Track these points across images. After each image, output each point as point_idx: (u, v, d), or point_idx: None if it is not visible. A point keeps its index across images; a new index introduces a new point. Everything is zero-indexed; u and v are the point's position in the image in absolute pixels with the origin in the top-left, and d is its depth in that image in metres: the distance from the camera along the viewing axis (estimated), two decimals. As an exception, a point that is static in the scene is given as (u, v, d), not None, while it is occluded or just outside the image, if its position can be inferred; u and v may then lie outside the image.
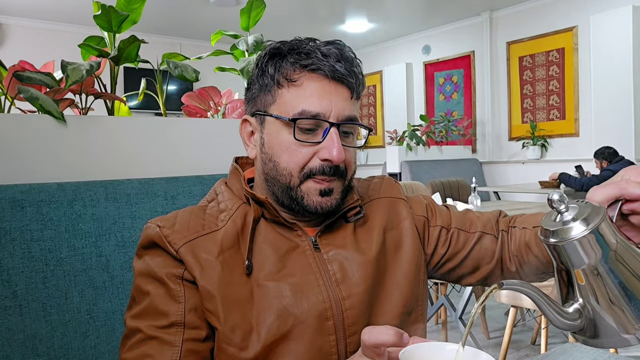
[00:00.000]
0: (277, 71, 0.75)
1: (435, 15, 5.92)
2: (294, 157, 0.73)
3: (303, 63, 0.73)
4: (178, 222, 0.74)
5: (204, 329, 0.70)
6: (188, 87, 5.30)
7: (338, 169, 0.74)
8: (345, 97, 0.74)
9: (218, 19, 5.22)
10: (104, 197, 0.98)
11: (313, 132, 0.73)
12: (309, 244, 0.76)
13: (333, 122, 0.72)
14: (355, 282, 0.75)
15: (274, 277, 0.72)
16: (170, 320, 0.69)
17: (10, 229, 0.86)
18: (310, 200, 0.74)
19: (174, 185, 1.08)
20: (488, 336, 2.94)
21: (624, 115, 4.49)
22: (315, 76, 0.73)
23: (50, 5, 5.05)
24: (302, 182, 0.74)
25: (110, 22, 1.30)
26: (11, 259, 0.85)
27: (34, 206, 0.89)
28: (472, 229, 0.87)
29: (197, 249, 0.72)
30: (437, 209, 0.89)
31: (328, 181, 0.74)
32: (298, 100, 0.73)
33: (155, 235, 0.73)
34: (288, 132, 0.73)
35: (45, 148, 1.10)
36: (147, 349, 0.68)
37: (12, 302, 0.84)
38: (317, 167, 0.73)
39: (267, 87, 0.76)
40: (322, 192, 0.74)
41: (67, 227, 0.92)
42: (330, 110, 0.72)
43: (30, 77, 1.12)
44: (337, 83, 0.73)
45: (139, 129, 1.26)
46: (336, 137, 0.72)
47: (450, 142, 5.77)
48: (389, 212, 0.85)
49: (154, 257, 0.72)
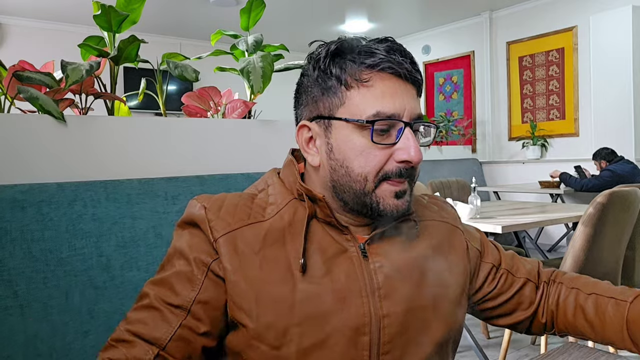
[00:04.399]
0: (343, 72, 0.71)
1: (435, 15, 5.92)
2: (370, 161, 0.70)
3: (369, 63, 0.70)
4: (225, 206, 0.73)
5: (205, 325, 0.69)
6: (188, 87, 5.30)
7: (413, 169, 0.72)
8: (414, 95, 0.72)
9: (218, 19, 5.22)
10: (104, 197, 0.98)
11: (387, 133, 0.71)
12: (357, 250, 0.73)
13: (407, 122, 0.70)
14: (398, 300, 0.72)
15: (317, 281, 0.70)
16: (178, 302, 0.68)
17: (11, 229, 0.86)
18: (386, 205, 0.71)
19: (174, 185, 1.08)
20: (488, 336, 2.94)
21: (623, 115, 4.49)
22: (385, 75, 0.70)
23: (50, 5, 5.05)
24: (377, 186, 0.71)
25: (110, 22, 1.30)
26: (12, 259, 0.85)
27: (34, 206, 0.89)
28: (518, 273, 0.86)
29: (239, 240, 0.70)
30: (489, 245, 0.88)
31: (402, 183, 0.72)
32: (371, 101, 0.70)
33: (199, 217, 0.72)
34: (361, 135, 0.70)
35: (45, 148, 1.10)
36: (146, 317, 0.68)
37: (13, 302, 0.84)
38: (394, 169, 0.70)
39: (331, 90, 0.72)
40: (398, 194, 0.71)
41: (68, 227, 0.92)
42: (404, 110, 0.70)
43: (30, 77, 1.12)
44: (405, 81, 0.71)
45: (139, 129, 1.26)
46: (412, 137, 0.70)
47: (450, 142, 5.77)
48: (445, 238, 0.82)
49: (192, 237, 0.72)
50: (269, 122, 1.48)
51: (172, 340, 0.67)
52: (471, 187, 2.92)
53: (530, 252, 3.96)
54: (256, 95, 1.47)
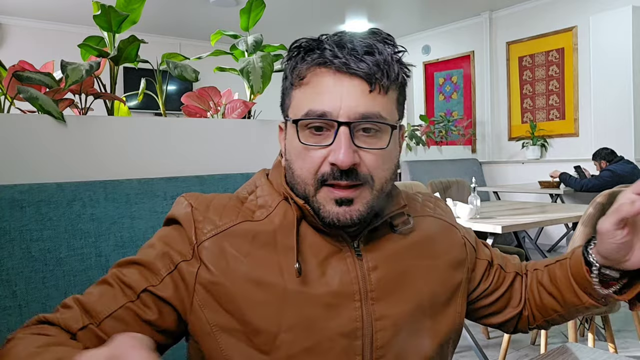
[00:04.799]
0: (291, 72, 0.70)
1: (435, 15, 5.92)
2: (306, 163, 0.67)
3: (312, 57, 0.67)
4: (213, 206, 0.71)
5: (152, 313, 0.66)
6: (188, 87, 5.30)
7: (355, 174, 0.66)
8: (360, 91, 0.65)
9: (218, 19, 5.22)
10: (104, 197, 0.98)
11: (324, 134, 0.66)
12: (350, 251, 0.70)
13: (343, 122, 0.64)
14: (392, 301, 0.69)
15: (311, 285, 0.66)
16: (131, 283, 0.66)
17: (10, 229, 0.86)
18: (326, 211, 0.66)
19: (173, 185, 1.08)
20: (488, 336, 2.94)
21: (623, 115, 4.49)
22: (323, 71, 0.66)
23: (50, 5, 5.05)
24: (318, 190, 0.67)
25: (110, 22, 1.30)
26: (10, 259, 0.85)
27: (33, 206, 0.89)
28: (508, 268, 0.85)
29: (226, 242, 0.68)
30: (480, 243, 0.87)
31: (344, 189, 0.66)
32: (306, 99, 0.67)
33: (185, 216, 0.70)
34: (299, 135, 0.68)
35: (44, 148, 1.10)
36: (97, 290, 0.67)
37: (12, 302, 0.84)
38: (329, 172, 0.66)
39: (286, 90, 0.72)
40: (339, 201, 0.66)
41: (67, 227, 0.92)
42: (339, 108, 0.65)
43: (29, 77, 1.12)
44: (350, 76, 0.65)
45: (139, 129, 1.26)
46: (344, 138, 0.64)
47: (450, 142, 5.76)
48: (441, 234, 0.79)
49: (172, 232, 0.70)
50: (269, 122, 1.48)
51: (111, 318, 0.64)
52: (471, 187, 2.92)
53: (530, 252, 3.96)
54: (256, 96, 1.47)
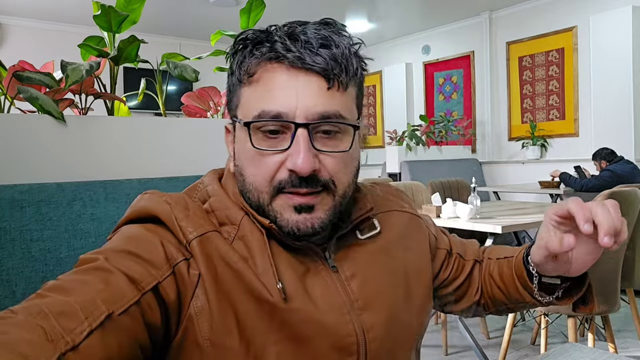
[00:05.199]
0: (238, 67, 0.62)
1: (435, 15, 5.92)
2: (259, 169, 0.60)
3: (261, 51, 0.60)
4: (191, 208, 0.62)
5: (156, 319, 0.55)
6: (188, 87, 5.29)
7: (315, 180, 0.60)
8: (318, 89, 0.59)
9: (218, 19, 5.22)
10: (104, 197, 0.98)
11: (280, 137, 0.60)
12: (323, 264, 0.65)
13: (300, 123, 0.58)
14: (378, 307, 0.66)
15: (296, 303, 0.60)
16: (135, 275, 0.54)
17: (10, 229, 0.86)
18: (284, 220, 0.61)
19: (173, 185, 1.08)
20: (488, 336, 2.94)
21: (623, 115, 4.49)
22: (276, 67, 0.59)
23: (50, 5, 5.05)
24: (274, 197, 0.61)
25: (109, 22, 1.30)
26: (10, 259, 0.85)
27: (33, 206, 0.89)
28: (467, 255, 0.83)
29: (212, 246, 0.60)
30: (439, 231, 0.85)
31: (303, 195, 0.60)
32: (257, 98, 0.60)
33: (164, 213, 0.60)
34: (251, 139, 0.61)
35: (44, 148, 1.10)
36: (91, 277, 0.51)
37: (12, 302, 0.84)
38: (286, 178, 0.60)
39: (233, 88, 0.65)
40: (298, 208, 0.60)
41: (67, 227, 0.92)
42: (296, 108, 0.58)
43: (29, 77, 1.12)
44: (306, 72, 0.59)
45: (139, 129, 1.26)
46: (303, 141, 0.58)
47: (450, 142, 5.76)
48: (408, 228, 0.76)
49: (156, 231, 0.60)
50: (269, 122, 1.48)
51: (127, 313, 0.50)
52: (471, 187, 2.92)
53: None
54: (256, 95, 1.46)
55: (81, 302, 0.48)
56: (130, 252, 0.56)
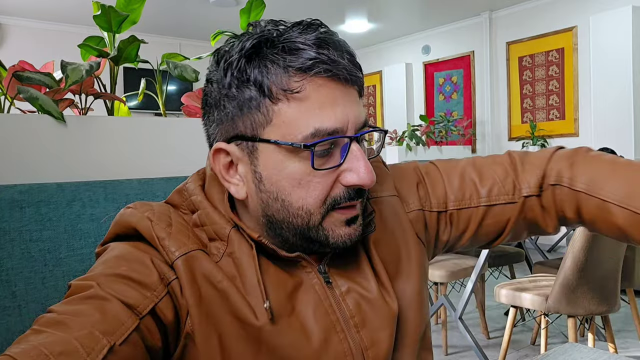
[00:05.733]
0: (266, 79, 0.55)
1: (435, 15, 5.92)
2: (313, 191, 0.57)
3: (299, 65, 0.55)
4: (175, 224, 0.59)
5: (155, 339, 0.54)
6: (188, 87, 5.30)
7: (364, 189, 0.59)
8: (355, 99, 0.58)
9: (218, 19, 5.23)
10: (103, 198, 0.98)
11: (329, 153, 0.57)
12: (317, 278, 0.61)
13: (352, 136, 0.57)
14: (377, 325, 0.61)
15: (284, 323, 0.58)
16: (131, 301, 0.52)
17: (9, 230, 0.86)
18: (337, 236, 0.59)
19: (173, 186, 1.07)
20: (488, 336, 2.94)
21: (623, 115, 4.49)
22: (319, 80, 0.55)
23: (50, 5, 5.05)
24: (325, 217, 0.58)
25: (110, 22, 1.30)
26: (10, 259, 0.85)
27: (33, 206, 0.89)
28: (473, 201, 0.70)
29: (196, 266, 0.57)
30: (429, 185, 0.72)
31: (354, 207, 0.59)
32: (306, 116, 0.55)
33: (144, 229, 0.58)
34: (298, 160, 0.56)
35: (44, 148, 1.10)
36: (86, 307, 0.50)
37: (11, 303, 0.84)
38: (343, 194, 0.58)
39: (252, 103, 0.56)
40: (349, 221, 0.59)
41: (66, 228, 0.91)
42: (347, 121, 0.56)
43: (29, 77, 1.12)
44: (344, 84, 0.57)
45: (139, 129, 1.26)
46: (361, 154, 0.57)
47: (450, 142, 5.77)
48: (384, 219, 0.68)
49: (143, 248, 0.58)
50: (269, 122, 1.48)
51: (127, 343, 0.49)
52: (471, 187, 2.92)
53: (530, 252, 3.96)
54: (256, 96, 1.46)
55: (80, 338, 0.46)
56: (123, 275, 0.54)
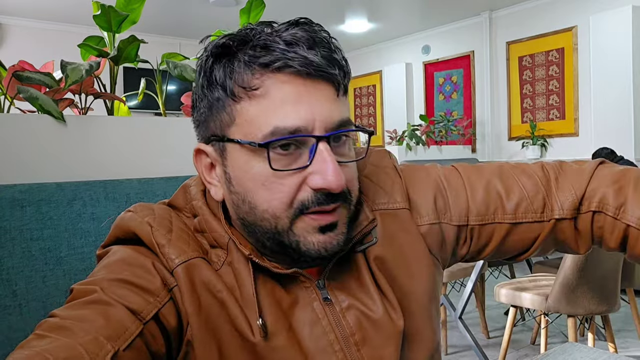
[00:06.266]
0: (228, 78, 0.54)
1: (435, 15, 5.92)
2: (278, 193, 0.54)
3: (262, 61, 0.52)
4: (175, 230, 0.58)
5: (159, 345, 0.54)
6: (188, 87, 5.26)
7: (340, 194, 0.55)
8: (329, 96, 0.54)
9: (218, 19, 5.22)
10: (104, 197, 0.98)
11: (295, 153, 0.53)
12: (315, 294, 0.58)
13: (320, 136, 0.53)
14: (379, 343, 0.58)
15: (281, 344, 0.56)
16: (134, 306, 0.52)
17: (10, 229, 0.86)
18: (309, 243, 0.55)
19: (173, 185, 1.08)
20: (488, 336, 2.94)
21: (623, 115, 4.49)
22: (282, 77, 0.53)
23: (50, 5, 5.05)
24: (294, 221, 0.54)
25: (109, 22, 1.30)
26: (11, 258, 0.85)
27: (33, 205, 0.89)
28: (497, 216, 0.65)
29: (196, 274, 0.56)
30: (449, 196, 0.67)
31: (329, 213, 0.55)
32: (265, 115, 0.52)
33: (145, 235, 0.57)
34: (261, 160, 0.53)
35: (44, 148, 1.10)
36: (89, 312, 0.49)
37: (12, 302, 0.84)
38: (310, 198, 0.54)
39: (219, 103, 0.55)
40: (323, 228, 0.55)
41: (67, 227, 0.92)
42: (313, 120, 0.52)
43: (29, 77, 1.12)
44: (314, 80, 0.53)
45: (139, 129, 1.26)
46: (329, 155, 0.52)
47: (450, 142, 5.77)
48: (391, 233, 0.64)
49: (143, 253, 0.57)
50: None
51: (130, 348, 0.49)
52: (471, 187, 2.92)
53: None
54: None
55: (85, 343, 0.46)
56: (126, 280, 0.54)
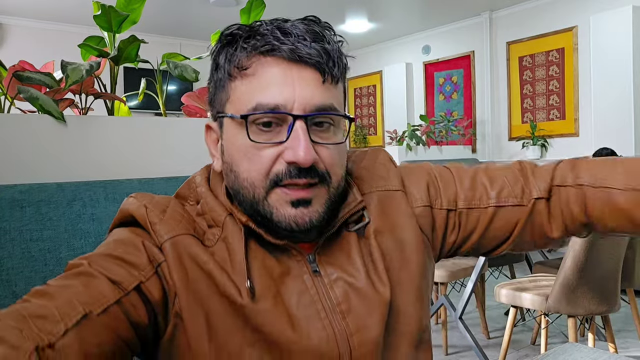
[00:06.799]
0: (227, 61, 0.62)
1: (435, 15, 5.92)
2: (254, 164, 0.60)
3: (255, 45, 0.59)
4: (169, 211, 0.63)
5: (141, 316, 0.57)
6: (188, 87, 5.29)
7: (314, 171, 0.59)
8: (313, 82, 0.60)
9: (218, 19, 5.22)
10: (104, 197, 0.98)
11: (275, 129, 0.60)
12: (306, 267, 0.63)
13: (298, 115, 0.58)
14: (364, 312, 0.62)
15: (268, 306, 0.59)
16: (117, 278, 0.56)
17: (10, 229, 0.86)
18: (280, 215, 0.60)
19: (173, 185, 1.08)
20: (488, 336, 2.94)
21: (624, 115, 4.49)
22: (270, 60, 0.59)
23: (50, 5, 5.05)
24: (269, 192, 0.60)
25: (110, 22, 1.30)
26: (10, 259, 0.85)
27: (33, 206, 0.89)
28: (482, 202, 0.72)
29: (183, 249, 0.60)
30: (440, 185, 0.73)
31: (302, 188, 0.59)
32: (251, 91, 0.59)
33: (140, 215, 0.62)
34: (245, 133, 0.60)
35: (44, 148, 1.10)
36: (75, 282, 0.54)
37: (12, 302, 0.84)
38: (284, 170, 0.59)
39: (220, 83, 0.63)
40: (296, 202, 0.59)
41: (67, 227, 0.92)
42: (293, 100, 0.58)
43: (30, 77, 1.12)
44: (301, 65, 0.59)
45: (139, 129, 1.26)
46: (302, 133, 0.58)
47: (450, 142, 5.76)
48: (387, 211, 0.69)
49: (137, 232, 0.62)
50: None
51: (106, 313, 0.52)
52: (471, 187, 2.91)
53: (530, 252, 3.96)
54: (256, 95, 1.46)
55: (59, 305, 0.50)
56: (115, 255, 0.58)
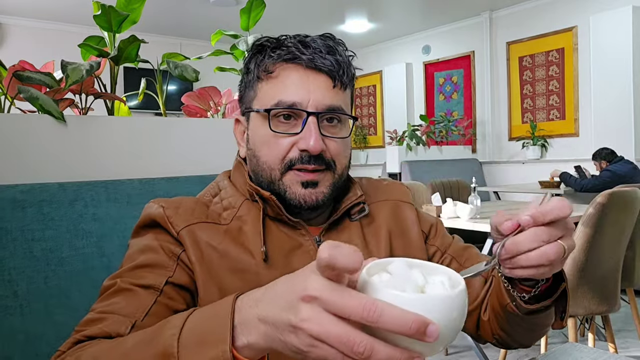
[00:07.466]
0: (257, 66, 0.76)
1: (435, 15, 5.92)
2: (273, 150, 0.73)
3: (280, 54, 0.73)
4: (182, 206, 0.74)
5: (180, 303, 0.67)
6: (188, 87, 5.29)
7: (321, 159, 0.72)
8: (325, 86, 0.73)
9: (218, 19, 5.22)
10: (105, 197, 0.98)
11: (292, 122, 0.73)
12: (312, 244, 0.74)
13: (311, 112, 0.71)
14: None
15: (279, 270, 0.69)
16: (149, 282, 0.66)
17: (12, 229, 0.86)
18: (292, 193, 0.72)
19: (174, 185, 1.08)
20: (488, 336, 2.94)
21: (623, 115, 4.49)
22: (292, 66, 0.73)
23: (50, 5, 5.05)
24: (284, 174, 0.73)
25: (110, 22, 1.30)
26: (12, 258, 0.85)
27: (35, 206, 0.89)
28: (467, 262, 0.83)
29: (198, 234, 0.71)
30: (440, 232, 0.88)
31: (311, 172, 0.72)
32: (275, 91, 0.73)
33: (158, 215, 0.72)
34: (266, 125, 0.73)
35: (45, 148, 1.10)
36: (116, 299, 0.64)
37: (14, 302, 0.84)
38: (297, 157, 0.72)
39: (250, 84, 0.77)
40: (305, 183, 0.72)
41: (69, 227, 0.92)
42: (308, 100, 0.71)
43: (30, 77, 1.12)
44: (316, 72, 0.73)
45: (139, 129, 1.26)
46: (314, 127, 0.71)
47: (450, 142, 5.76)
48: (396, 216, 0.83)
49: (157, 235, 0.71)
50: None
51: (149, 315, 0.62)
52: (471, 187, 2.92)
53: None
54: (256, 95, 1.46)
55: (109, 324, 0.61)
56: (139, 265, 0.68)
